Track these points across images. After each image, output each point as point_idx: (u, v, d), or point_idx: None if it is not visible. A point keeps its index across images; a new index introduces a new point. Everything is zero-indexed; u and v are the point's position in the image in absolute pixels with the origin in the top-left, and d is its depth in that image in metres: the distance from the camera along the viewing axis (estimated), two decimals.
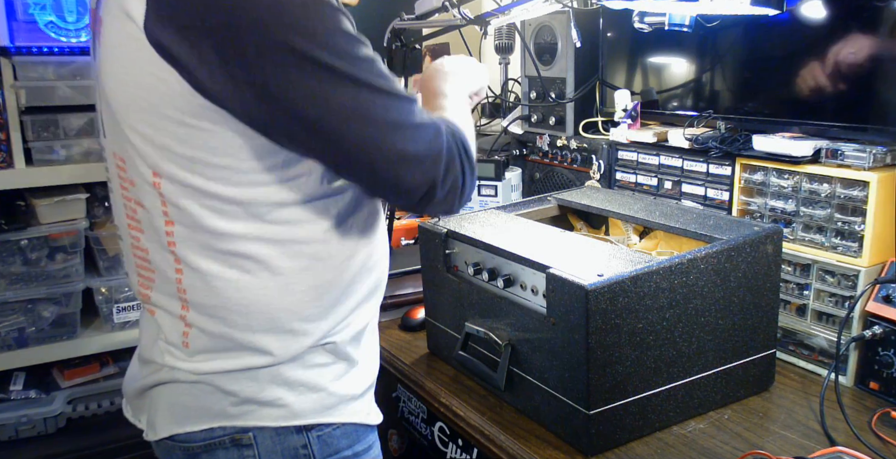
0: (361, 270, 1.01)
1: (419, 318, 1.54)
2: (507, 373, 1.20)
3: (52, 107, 1.80)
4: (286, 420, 0.97)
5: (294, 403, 0.97)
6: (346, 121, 0.84)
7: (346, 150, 0.86)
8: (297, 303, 0.95)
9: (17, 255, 1.81)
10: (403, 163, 0.87)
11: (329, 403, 0.99)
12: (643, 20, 1.56)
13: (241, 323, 0.94)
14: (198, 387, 0.96)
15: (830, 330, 1.29)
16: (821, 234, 1.30)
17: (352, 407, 1.02)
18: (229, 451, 0.97)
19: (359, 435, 1.04)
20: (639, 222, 1.36)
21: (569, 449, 1.11)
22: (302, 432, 0.98)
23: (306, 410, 0.98)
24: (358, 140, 0.85)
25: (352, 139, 0.85)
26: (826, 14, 1.32)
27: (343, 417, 1.01)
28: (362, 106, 0.84)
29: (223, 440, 0.96)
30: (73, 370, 1.97)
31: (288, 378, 0.97)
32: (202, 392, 0.96)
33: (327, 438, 1.00)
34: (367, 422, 1.04)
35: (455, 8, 1.61)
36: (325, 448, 1.00)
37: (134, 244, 0.97)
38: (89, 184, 1.89)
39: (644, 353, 1.09)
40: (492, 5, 1.82)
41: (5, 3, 1.77)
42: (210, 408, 0.96)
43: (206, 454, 0.97)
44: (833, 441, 1.10)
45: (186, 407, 0.97)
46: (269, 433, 0.97)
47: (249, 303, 0.93)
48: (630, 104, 1.66)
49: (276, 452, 0.97)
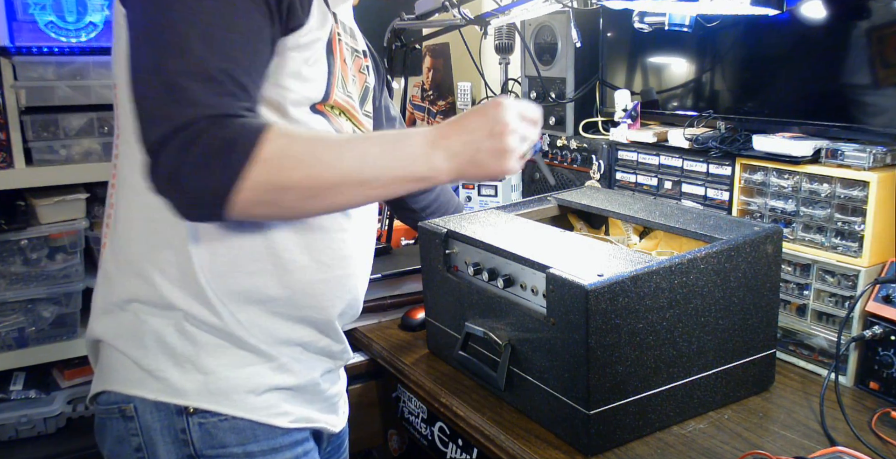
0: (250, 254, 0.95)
1: (419, 318, 1.54)
2: (507, 373, 1.20)
3: (52, 107, 1.80)
4: (165, 394, 0.93)
5: (175, 379, 0.93)
6: (144, 36, 0.82)
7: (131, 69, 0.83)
8: (150, 230, 0.95)
9: (17, 255, 1.81)
10: (139, 108, 0.80)
11: (219, 389, 0.94)
12: (643, 20, 1.56)
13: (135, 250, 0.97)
14: (102, 346, 0.99)
15: (830, 330, 1.29)
16: (821, 234, 1.30)
17: (251, 402, 0.96)
18: (118, 422, 0.96)
19: (255, 435, 0.97)
20: (639, 222, 1.36)
21: (569, 449, 1.11)
22: (182, 414, 0.94)
23: (188, 390, 0.93)
24: (135, 59, 0.82)
25: (134, 56, 0.83)
26: (826, 14, 1.32)
27: (235, 410, 0.95)
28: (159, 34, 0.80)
29: (113, 409, 0.96)
30: (73, 370, 1.97)
31: (174, 349, 0.94)
32: (104, 350, 0.99)
33: (211, 428, 0.94)
34: (271, 423, 0.98)
35: (455, 8, 1.62)
36: (206, 437, 0.94)
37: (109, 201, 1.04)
38: (89, 184, 1.89)
39: (644, 353, 1.09)
40: (492, 5, 1.82)
41: (5, 3, 1.77)
42: (106, 367, 0.98)
43: (109, 421, 0.98)
44: (833, 441, 1.10)
45: (97, 367, 1.01)
46: (149, 407, 0.94)
47: (118, 220, 0.99)
48: (630, 104, 1.66)
49: (155, 429, 0.94)
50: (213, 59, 0.79)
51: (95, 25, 1.86)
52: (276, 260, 0.96)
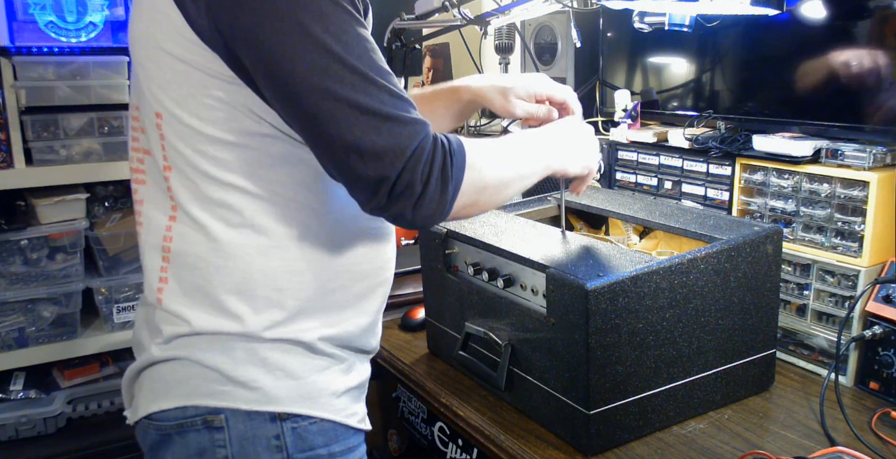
0: (358, 266, 0.99)
1: (419, 318, 1.54)
2: (507, 373, 1.20)
3: (52, 107, 1.80)
4: (260, 404, 0.94)
5: (269, 387, 0.94)
6: (310, 87, 0.81)
7: (303, 118, 0.84)
8: (276, 271, 0.93)
9: (17, 255, 1.82)
10: (357, 151, 0.82)
11: (307, 393, 0.96)
12: (643, 20, 1.56)
13: (216, 278, 0.92)
14: (177, 363, 0.95)
15: (830, 330, 1.29)
16: (821, 234, 1.30)
17: (334, 404, 0.99)
18: (200, 433, 0.94)
19: (338, 436, 0.99)
20: (639, 222, 1.36)
21: (569, 449, 1.11)
22: (276, 421, 0.95)
23: (282, 397, 0.95)
24: (315, 110, 0.82)
25: (310, 107, 0.82)
26: (826, 14, 1.32)
27: (321, 411, 0.97)
28: (330, 77, 0.81)
29: (195, 420, 0.94)
30: (73, 370, 1.97)
31: (266, 358, 0.94)
32: (180, 367, 0.94)
33: (302, 432, 0.96)
34: (347, 423, 1.01)
35: (455, 8, 1.62)
36: (298, 441, 0.96)
37: (136, 198, 0.98)
38: (89, 184, 1.89)
39: (644, 353, 1.09)
40: (492, 5, 1.82)
41: (5, 3, 1.77)
42: (185, 384, 0.94)
43: (178, 435, 0.94)
44: (833, 441, 1.10)
45: (165, 383, 0.95)
46: (241, 417, 0.94)
47: (227, 257, 0.92)
48: (630, 104, 1.66)
49: (247, 439, 0.94)
50: (388, 79, 0.85)
51: (95, 25, 1.86)
52: (351, 274, 0.99)
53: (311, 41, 0.81)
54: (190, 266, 0.93)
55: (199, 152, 0.89)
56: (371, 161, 0.83)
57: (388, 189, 0.84)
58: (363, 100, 0.82)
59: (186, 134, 0.89)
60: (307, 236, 0.94)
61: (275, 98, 0.85)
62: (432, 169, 0.85)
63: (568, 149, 1.09)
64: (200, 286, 0.93)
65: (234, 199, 0.91)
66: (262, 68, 0.83)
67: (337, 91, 0.81)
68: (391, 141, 0.83)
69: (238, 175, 0.90)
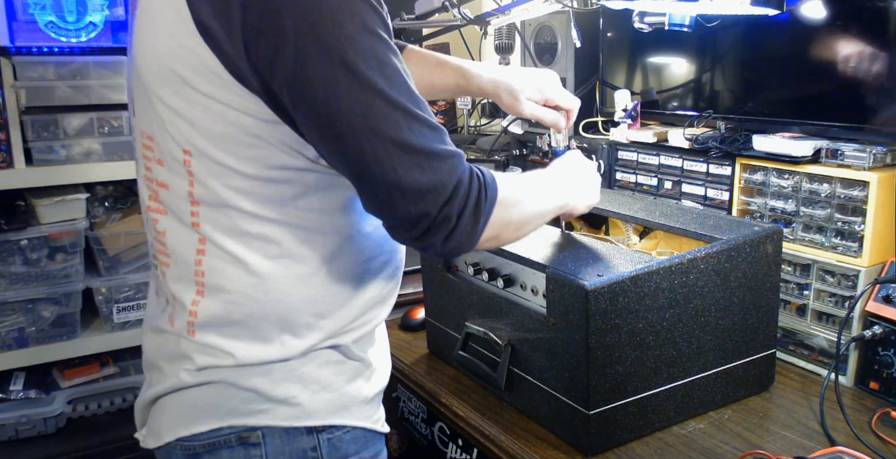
0: (380, 272, 1.00)
1: (419, 318, 1.54)
2: (507, 373, 1.20)
3: (52, 107, 1.80)
4: (298, 419, 0.95)
5: (307, 402, 0.95)
6: (352, 127, 0.81)
7: (345, 156, 0.83)
8: (315, 298, 0.94)
9: (17, 255, 1.81)
10: (399, 189, 0.83)
11: (342, 403, 0.97)
12: (643, 20, 1.56)
13: (258, 312, 0.92)
14: (209, 387, 0.93)
15: (830, 330, 1.29)
16: (821, 234, 1.30)
17: (364, 411, 1.00)
18: (235, 450, 0.94)
19: (367, 442, 1.02)
20: (639, 222, 1.36)
21: (569, 449, 1.11)
22: (312, 433, 0.96)
23: (318, 410, 0.96)
24: (358, 150, 0.82)
25: (353, 147, 0.82)
26: (826, 14, 1.32)
27: (354, 420, 0.99)
28: (373, 115, 0.81)
29: (229, 438, 0.94)
30: (73, 370, 1.97)
31: (302, 374, 0.95)
32: (213, 391, 0.93)
33: (337, 442, 0.98)
34: (376, 429, 1.02)
35: (455, 8, 1.62)
36: (333, 451, 0.98)
37: (154, 226, 0.96)
38: (89, 184, 1.89)
39: (644, 353, 1.09)
40: (492, 5, 1.82)
41: (5, 3, 1.77)
42: (220, 407, 0.93)
43: (208, 453, 0.94)
44: (833, 441, 1.10)
45: (197, 408, 0.94)
46: (278, 433, 0.94)
47: (268, 290, 0.91)
48: (630, 104, 1.66)
49: (283, 453, 0.95)
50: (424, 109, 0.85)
51: (95, 25, 1.86)
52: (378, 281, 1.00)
53: (356, 80, 0.80)
54: (229, 301, 0.92)
55: (234, 188, 0.88)
56: (413, 198, 0.84)
57: (427, 224, 0.85)
58: (406, 138, 0.82)
59: (220, 172, 0.88)
60: (340, 258, 0.95)
61: (316, 136, 0.84)
62: (467, 202, 0.87)
63: (579, 190, 1.13)
64: (240, 320, 0.92)
65: (269, 231, 0.90)
66: (304, 107, 0.82)
67: (381, 130, 0.81)
68: (433, 177, 0.84)
69: (274, 207, 0.90)
